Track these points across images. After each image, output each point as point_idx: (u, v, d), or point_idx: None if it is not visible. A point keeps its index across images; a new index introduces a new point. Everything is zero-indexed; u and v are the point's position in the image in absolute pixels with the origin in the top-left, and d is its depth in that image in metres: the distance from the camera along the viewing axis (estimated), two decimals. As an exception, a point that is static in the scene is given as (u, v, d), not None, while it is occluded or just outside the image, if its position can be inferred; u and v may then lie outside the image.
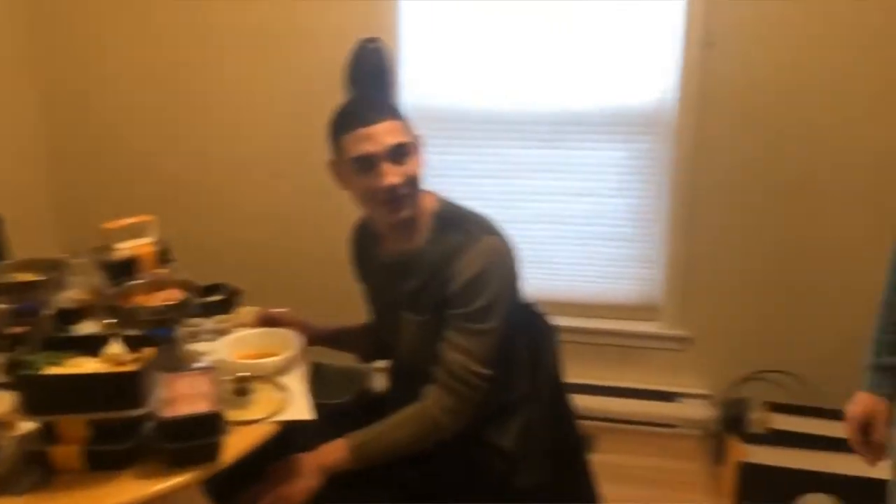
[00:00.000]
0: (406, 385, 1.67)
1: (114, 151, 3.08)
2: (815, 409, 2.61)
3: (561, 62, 2.70)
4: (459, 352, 1.56)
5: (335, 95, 1.65)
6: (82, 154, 3.11)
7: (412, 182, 1.59)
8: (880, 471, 1.50)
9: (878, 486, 1.47)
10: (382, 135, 1.54)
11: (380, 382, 2.70)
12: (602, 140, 2.75)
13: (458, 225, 1.62)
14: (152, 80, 2.98)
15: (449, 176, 2.83)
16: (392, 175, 1.54)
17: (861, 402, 1.45)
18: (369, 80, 1.65)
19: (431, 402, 1.58)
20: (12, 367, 1.30)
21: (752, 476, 2.31)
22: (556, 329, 1.78)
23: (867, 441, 1.47)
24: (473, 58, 2.75)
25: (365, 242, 1.83)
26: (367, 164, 1.55)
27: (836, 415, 2.45)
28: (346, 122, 1.58)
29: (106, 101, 3.03)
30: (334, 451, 1.57)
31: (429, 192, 1.68)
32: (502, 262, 1.61)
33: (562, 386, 1.79)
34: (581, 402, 2.73)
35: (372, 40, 1.69)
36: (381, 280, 1.74)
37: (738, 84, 2.57)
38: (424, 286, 1.61)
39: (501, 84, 2.77)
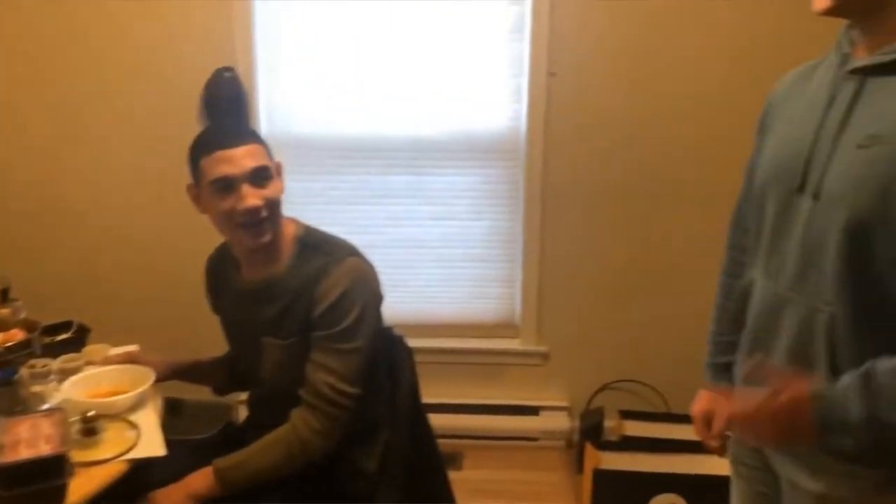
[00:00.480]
0: (268, 413, 1.67)
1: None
2: (665, 415, 2.78)
3: (416, 90, 2.78)
4: (326, 372, 1.58)
5: (191, 126, 1.65)
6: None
7: (272, 206, 1.60)
8: (723, 468, 1.62)
9: (722, 482, 1.58)
10: (242, 158, 1.55)
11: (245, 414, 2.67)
12: (457, 165, 2.85)
13: (321, 248, 1.65)
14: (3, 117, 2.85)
15: (307, 203, 2.85)
16: (252, 197, 1.55)
17: (702, 399, 1.55)
18: (225, 108, 1.65)
19: (300, 424, 1.58)
20: None
21: (607, 482, 2.43)
22: (412, 351, 1.83)
23: (712, 434, 1.57)
24: (329, 85, 2.79)
25: (221, 271, 1.81)
26: (227, 186, 1.55)
27: (684, 419, 2.63)
28: (205, 145, 1.57)
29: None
30: (201, 479, 1.55)
31: (289, 219, 1.70)
32: (366, 282, 1.64)
33: (420, 406, 1.84)
34: (447, 420, 2.84)
35: (227, 69, 1.69)
36: (240, 307, 1.73)
37: (581, 110, 2.73)
38: (287, 310, 1.63)
39: (358, 111, 2.81)
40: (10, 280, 1.94)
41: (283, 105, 2.81)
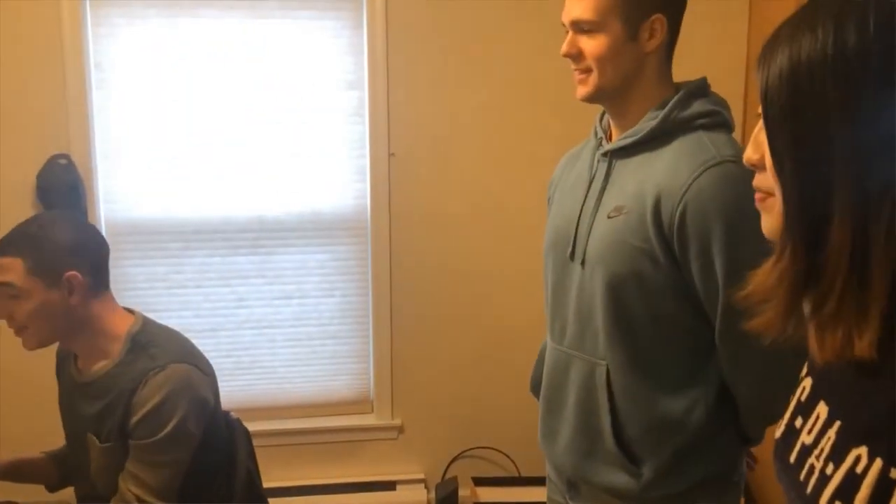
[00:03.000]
0: None
1: None
2: (517, 479, 2.86)
3: (260, 170, 2.81)
4: (136, 483, 1.54)
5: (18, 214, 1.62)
6: None
7: (20, 322, 1.57)
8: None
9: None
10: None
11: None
12: (304, 243, 2.88)
13: (147, 349, 1.60)
14: None
15: (151, 287, 2.79)
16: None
17: None
18: (59, 196, 1.64)
19: None
20: None
21: (464, 549, 2.47)
22: (249, 434, 1.82)
23: None
24: (170, 168, 2.77)
25: (65, 357, 1.75)
26: None
27: (534, 481, 2.71)
28: None
29: None
30: None
31: (127, 311, 1.67)
32: (188, 390, 1.59)
33: (259, 491, 1.82)
34: (305, 503, 2.79)
35: (61, 156, 1.69)
36: (71, 399, 1.68)
37: (421, 188, 2.86)
38: (108, 411, 1.58)
39: (199, 193, 2.81)
40: None
41: (122, 190, 2.75)
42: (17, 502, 2.08)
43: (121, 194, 2.76)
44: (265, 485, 1.87)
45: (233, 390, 2.78)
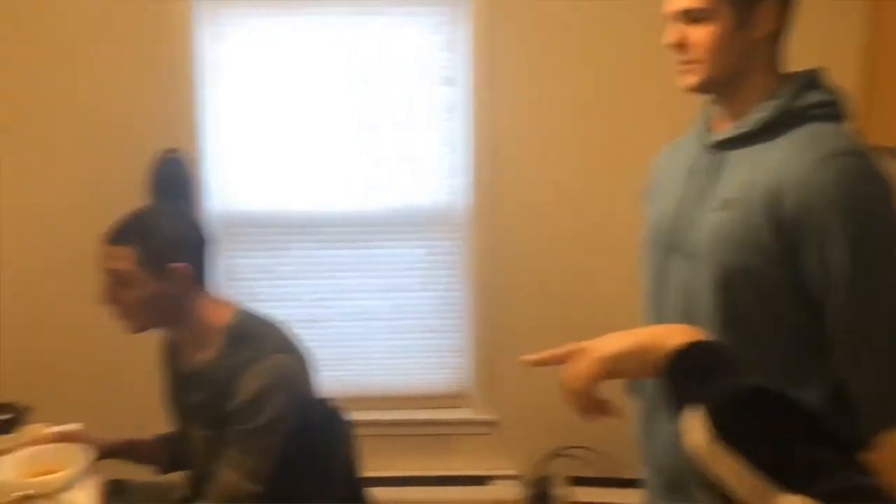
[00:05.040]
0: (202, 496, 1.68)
1: None
2: (613, 480, 2.80)
3: (360, 166, 2.86)
4: (233, 469, 1.59)
5: (130, 203, 1.70)
6: None
7: (128, 309, 1.64)
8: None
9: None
10: (108, 257, 1.62)
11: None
12: (401, 238, 2.92)
13: (249, 341, 1.66)
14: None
15: (254, 278, 2.88)
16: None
17: None
18: (169, 189, 1.70)
19: None
20: None
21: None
22: (350, 424, 1.85)
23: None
24: (275, 162, 2.86)
25: (170, 348, 1.83)
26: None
27: (632, 483, 2.65)
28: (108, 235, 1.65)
29: None
30: None
31: (225, 303, 1.73)
32: (288, 381, 1.64)
33: (357, 482, 1.84)
34: (397, 494, 2.83)
35: (172, 150, 1.75)
36: (176, 391, 1.75)
37: (519, 183, 2.84)
38: (210, 400, 1.64)
39: (303, 187, 2.88)
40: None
41: (229, 183, 2.86)
42: (127, 480, 2.19)
43: (228, 189, 2.86)
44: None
45: (331, 380, 2.83)
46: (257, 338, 1.67)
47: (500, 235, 2.87)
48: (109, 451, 1.81)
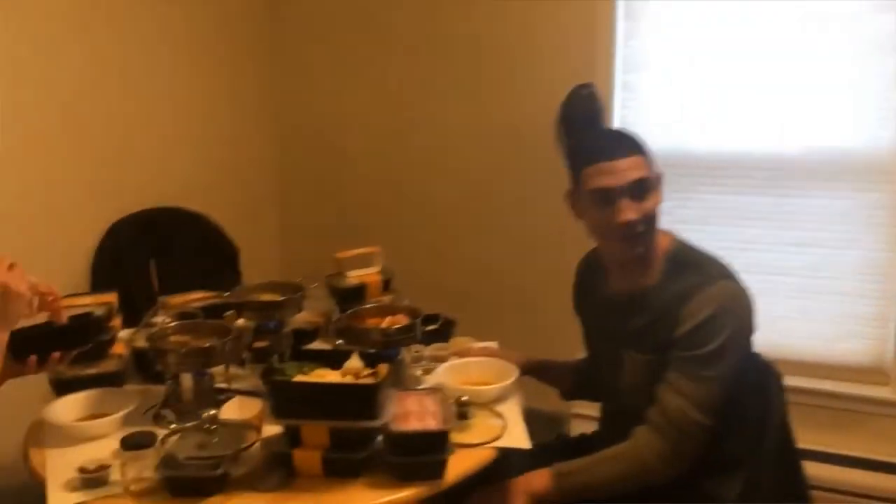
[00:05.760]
0: (620, 426, 1.65)
1: (335, 188, 3.32)
2: None
3: (780, 104, 2.59)
4: (679, 396, 1.52)
5: (545, 141, 1.71)
6: (311, 190, 3.38)
7: (649, 219, 1.58)
8: None
9: None
10: (624, 170, 1.55)
11: (580, 427, 2.67)
12: (826, 187, 2.59)
13: (694, 266, 1.60)
14: (380, 121, 3.19)
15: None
16: (629, 211, 1.55)
17: None
18: (581, 125, 1.68)
19: (642, 444, 1.54)
20: (266, 373, 1.42)
21: None
22: (782, 379, 1.69)
23: None
24: (684, 101, 2.71)
25: (590, 276, 1.83)
26: (605, 198, 1.56)
27: None
28: (589, 153, 1.59)
29: (335, 140, 3.28)
30: (539, 479, 1.56)
31: (665, 232, 1.67)
32: (737, 308, 1.56)
33: (791, 443, 1.69)
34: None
35: (585, 86, 1.72)
36: (604, 316, 1.74)
37: None
38: (652, 325, 1.59)
39: (713, 127, 2.69)
40: (392, 272, 2.14)
41: (636, 121, 2.77)
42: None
43: (634, 126, 2.78)
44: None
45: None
46: (701, 264, 1.61)
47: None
48: (525, 369, 1.87)
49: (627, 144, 1.59)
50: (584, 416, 2.56)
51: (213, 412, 1.45)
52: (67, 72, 2.51)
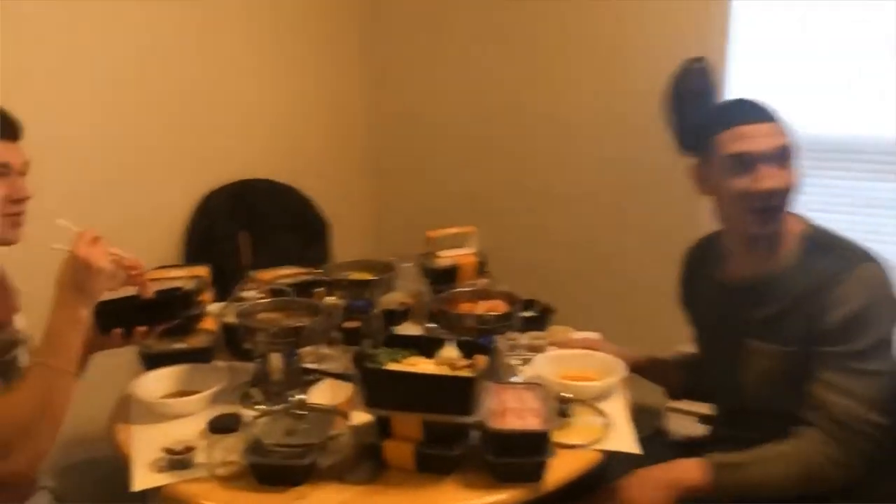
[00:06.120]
0: (743, 426, 1.51)
1: (429, 165, 3.22)
2: None
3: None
4: (844, 395, 1.37)
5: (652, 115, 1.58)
6: (404, 168, 3.30)
7: (788, 192, 1.44)
8: None
9: None
10: (766, 135, 1.43)
11: (677, 423, 2.52)
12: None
13: (832, 250, 1.45)
14: (467, 97, 3.07)
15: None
16: (771, 178, 1.41)
17: None
18: (692, 101, 1.56)
19: (812, 448, 1.39)
20: (357, 359, 1.34)
21: None
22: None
23: None
24: (804, 79, 2.49)
25: (701, 263, 1.69)
26: (745, 164, 1.43)
27: None
28: (723, 119, 1.48)
29: (431, 117, 3.19)
30: (694, 469, 1.41)
31: (794, 213, 1.52)
32: (886, 293, 1.41)
33: None
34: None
35: (697, 60, 1.61)
36: (722, 305, 1.58)
37: None
38: (785, 314, 1.45)
39: (834, 107, 2.47)
40: (486, 255, 2.03)
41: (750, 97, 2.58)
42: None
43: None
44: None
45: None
46: (843, 245, 1.46)
47: None
48: (631, 365, 1.73)
49: (766, 110, 1.47)
50: (681, 411, 2.40)
51: (301, 397, 1.38)
52: (161, 43, 2.49)
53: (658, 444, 1.78)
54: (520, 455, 1.28)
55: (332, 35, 3.12)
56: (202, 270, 1.86)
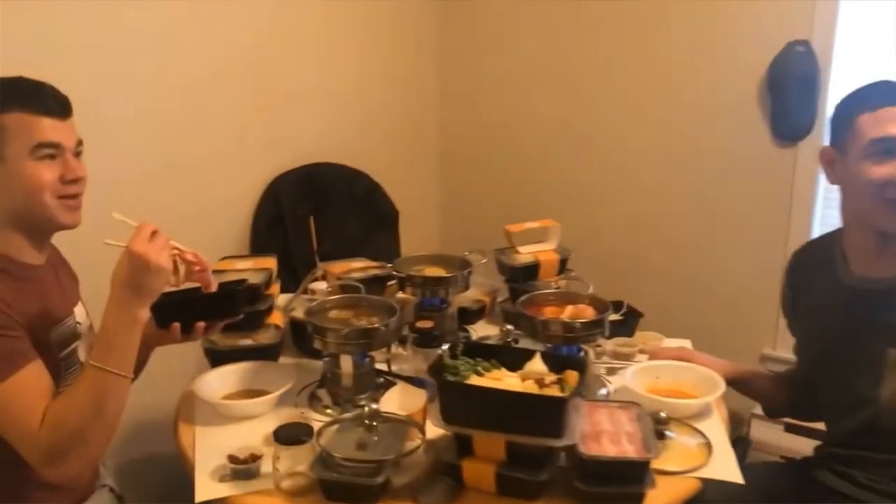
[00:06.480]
0: (876, 446, 1.36)
1: (502, 153, 3.07)
2: None
3: None
4: None
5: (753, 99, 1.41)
6: (472, 155, 3.15)
7: None
8: None
9: None
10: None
11: (759, 431, 2.35)
12: None
13: None
14: (545, 83, 2.91)
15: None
16: None
17: None
18: (791, 83, 1.40)
19: None
20: (435, 369, 1.23)
21: None
22: None
23: None
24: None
25: (813, 267, 1.52)
26: (887, 150, 1.29)
27: None
28: (865, 100, 1.34)
29: (497, 105, 3.03)
30: None
31: None
32: None
33: None
34: None
35: (801, 43, 1.45)
36: (850, 310, 1.41)
37: None
38: None
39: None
40: (570, 252, 1.90)
41: (850, 85, 2.36)
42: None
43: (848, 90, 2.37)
44: None
45: None
46: None
47: None
48: (728, 379, 1.56)
49: None
50: (764, 418, 2.22)
51: (373, 406, 1.27)
52: (230, 24, 2.39)
53: (761, 470, 1.63)
54: (616, 484, 1.15)
55: (406, 24, 2.98)
56: (269, 262, 1.77)
